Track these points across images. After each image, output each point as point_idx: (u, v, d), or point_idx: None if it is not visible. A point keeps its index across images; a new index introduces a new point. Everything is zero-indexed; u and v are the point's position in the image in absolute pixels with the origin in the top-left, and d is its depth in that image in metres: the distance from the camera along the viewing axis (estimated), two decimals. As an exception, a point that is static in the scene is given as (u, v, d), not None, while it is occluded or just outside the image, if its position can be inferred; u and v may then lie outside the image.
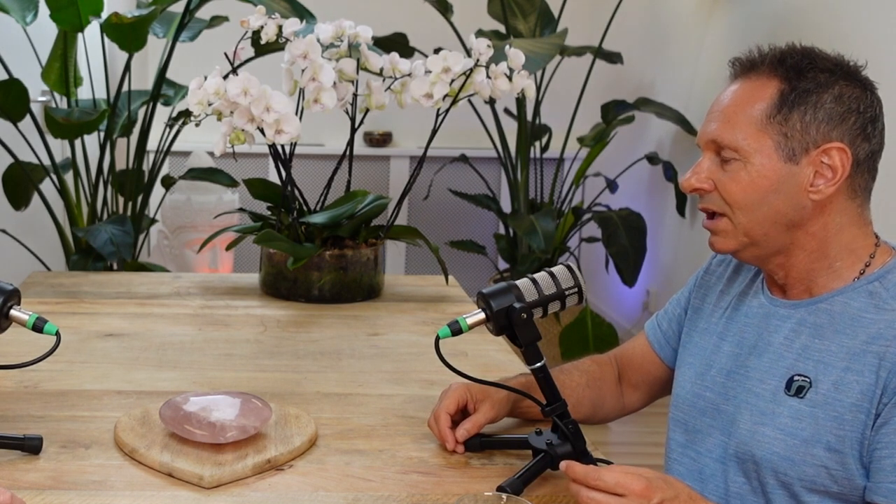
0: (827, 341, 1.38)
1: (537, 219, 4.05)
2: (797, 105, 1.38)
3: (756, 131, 1.39)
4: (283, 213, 2.37)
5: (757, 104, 1.40)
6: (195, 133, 2.70)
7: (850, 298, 1.40)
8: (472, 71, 2.26)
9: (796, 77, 1.40)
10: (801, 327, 1.42)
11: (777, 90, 1.40)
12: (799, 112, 1.38)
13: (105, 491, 1.35)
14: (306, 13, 3.23)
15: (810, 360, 1.39)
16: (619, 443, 3.72)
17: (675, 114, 4.29)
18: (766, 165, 1.39)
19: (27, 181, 3.39)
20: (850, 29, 3.09)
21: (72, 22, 3.20)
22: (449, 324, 1.44)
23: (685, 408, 1.53)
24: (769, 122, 1.39)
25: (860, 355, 1.35)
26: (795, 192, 1.39)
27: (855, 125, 1.38)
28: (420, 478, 1.43)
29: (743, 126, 1.40)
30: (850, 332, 1.37)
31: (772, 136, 1.39)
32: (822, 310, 1.41)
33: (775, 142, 1.39)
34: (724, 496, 1.45)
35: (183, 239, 4.37)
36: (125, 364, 1.85)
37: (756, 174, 1.39)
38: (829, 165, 1.38)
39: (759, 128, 1.39)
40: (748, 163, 1.40)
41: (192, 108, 2.14)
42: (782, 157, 1.39)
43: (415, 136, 5.26)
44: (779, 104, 1.39)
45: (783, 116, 1.38)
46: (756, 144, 1.39)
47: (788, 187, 1.39)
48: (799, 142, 1.38)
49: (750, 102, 1.41)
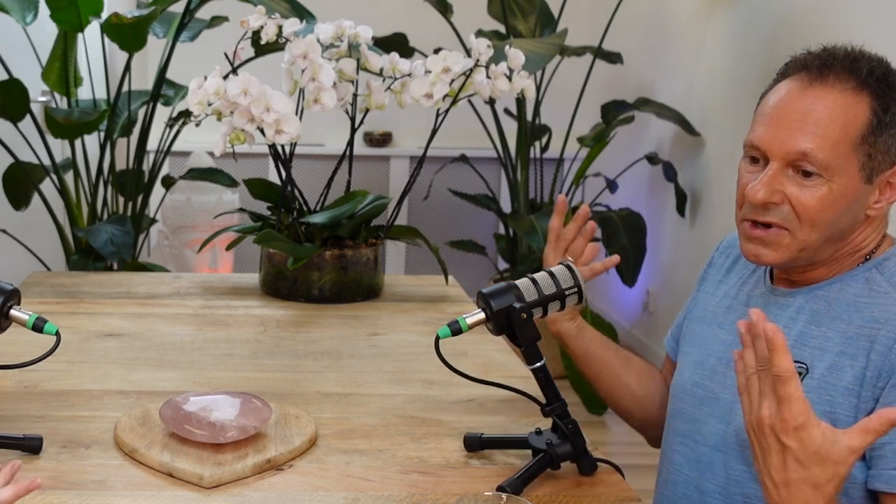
0: (824, 328, 1.39)
1: (537, 219, 4.05)
2: (889, 127, 1.35)
3: (848, 150, 1.34)
4: (283, 213, 2.37)
5: (852, 122, 1.34)
6: (195, 133, 2.70)
7: (847, 285, 1.41)
8: (472, 71, 2.26)
9: (887, 94, 1.35)
10: (800, 314, 1.43)
11: (871, 109, 1.34)
12: (888, 134, 1.35)
13: (105, 491, 1.36)
14: (306, 13, 3.23)
15: (807, 347, 1.39)
16: (619, 442, 3.73)
17: (675, 114, 4.28)
18: (848, 185, 1.35)
19: (27, 181, 3.39)
20: (850, 29, 3.09)
21: (72, 22, 3.20)
22: (449, 324, 1.44)
23: (684, 397, 1.54)
24: (862, 142, 1.34)
25: (854, 339, 1.35)
26: (860, 209, 1.38)
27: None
28: (420, 478, 1.43)
29: (838, 144, 1.33)
30: (845, 317, 1.38)
31: (859, 156, 1.34)
32: (819, 297, 1.42)
33: (860, 162, 1.35)
34: (724, 483, 1.45)
35: (183, 239, 4.37)
36: (125, 364, 1.85)
37: (838, 193, 1.35)
38: (892, 184, 1.38)
39: (852, 148, 1.34)
40: (832, 181, 1.34)
41: (192, 108, 2.14)
42: (863, 177, 1.35)
43: (415, 136, 5.26)
44: (875, 125, 1.34)
45: (874, 138, 1.35)
46: (845, 164, 1.34)
47: (858, 205, 1.37)
48: (880, 163, 1.35)
49: (845, 118, 1.34)
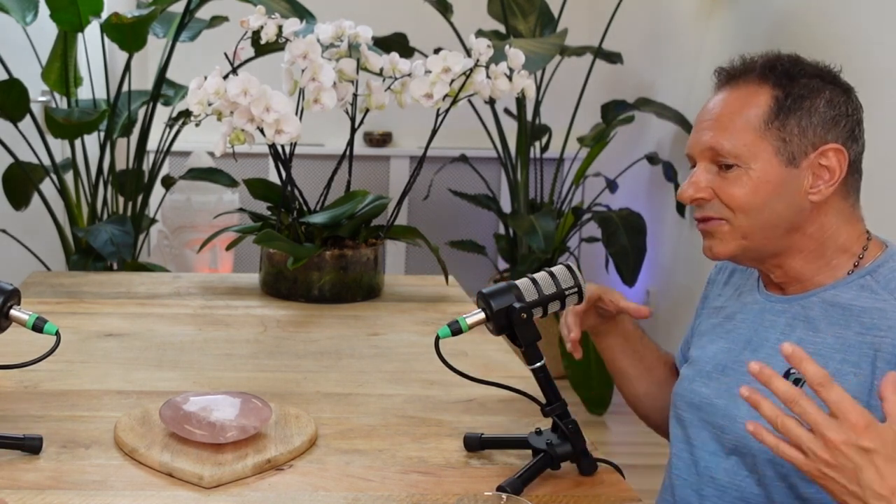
0: (822, 334, 1.41)
1: (537, 219, 4.05)
2: (794, 110, 1.41)
3: (755, 137, 1.41)
4: (283, 213, 2.37)
5: (752, 110, 1.42)
6: (195, 133, 2.70)
7: (841, 291, 1.42)
8: (472, 71, 2.26)
9: (789, 83, 1.42)
10: (796, 321, 1.44)
11: (771, 96, 1.42)
12: (795, 117, 1.41)
13: (105, 491, 1.36)
14: (306, 13, 3.23)
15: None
16: (620, 443, 3.73)
17: (675, 114, 4.28)
18: (767, 171, 1.41)
19: (27, 181, 3.39)
20: (849, 29, 3.09)
21: (72, 22, 3.20)
22: (449, 324, 1.44)
23: (681, 404, 1.56)
24: (767, 127, 1.41)
25: (855, 346, 1.37)
26: (796, 195, 1.42)
27: (845, 127, 1.43)
28: (420, 478, 1.43)
29: (741, 132, 1.42)
30: (842, 322, 1.40)
31: (771, 141, 1.41)
32: (814, 303, 1.44)
33: (774, 147, 1.41)
34: (722, 489, 1.46)
35: (183, 239, 4.37)
36: (125, 364, 1.85)
37: (758, 179, 1.41)
38: (827, 167, 1.41)
39: (758, 134, 1.41)
40: (749, 168, 1.41)
41: (192, 108, 2.14)
42: (783, 161, 1.41)
43: (415, 136, 5.25)
44: (776, 110, 1.41)
45: (781, 122, 1.41)
46: (756, 150, 1.41)
47: (790, 190, 1.41)
48: (798, 146, 1.41)
49: (745, 109, 1.43)
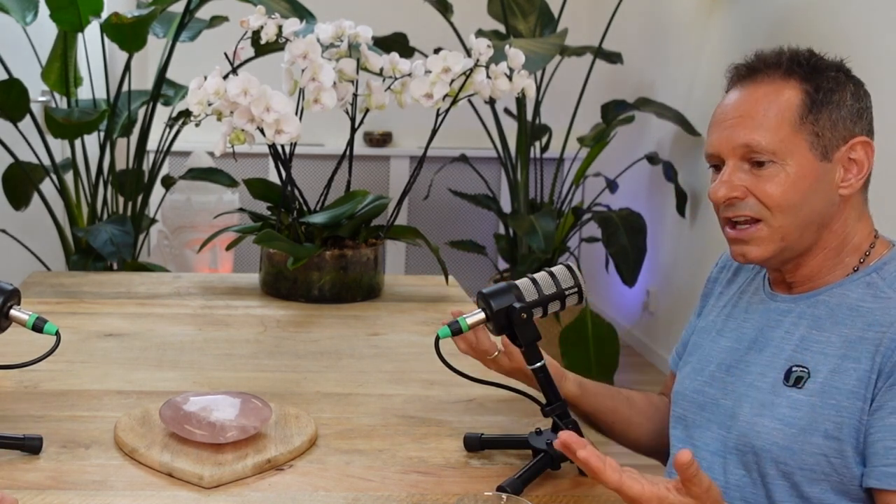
0: (826, 332, 1.40)
1: (537, 219, 4.05)
2: (825, 104, 1.40)
3: (791, 132, 1.39)
4: (283, 213, 2.37)
5: (785, 105, 1.40)
6: (195, 133, 2.70)
7: (848, 290, 1.42)
8: (472, 71, 2.26)
9: (818, 76, 1.41)
10: (801, 320, 1.43)
11: (801, 90, 1.40)
12: (827, 111, 1.40)
13: (105, 491, 1.35)
14: (306, 13, 3.23)
15: (808, 351, 1.40)
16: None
17: (675, 114, 4.28)
18: (804, 166, 1.39)
19: (27, 181, 3.39)
20: (848, 29, 3.09)
21: (72, 22, 3.20)
22: (449, 324, 1.44)
23: (684, 404, 1.55)
24: (802, 122, 1.39)
25: (857, 343, 1.36)
26: (829, 190, 1.41)
27: (867, 120, 1.43)
28: (420, 478, 1.43)
29: (777, 128, 1.39)
30: (848, 322, 1.39)
31: (805, 136, 1.39)
32: (820, 302, 1.43)
33: (808, 142, 1.39)
34: (724, 489, 1.45)
35: (183, 239, 4.37)
36: (125, 364, 1.85)
37: (795, 175, 1.39)
38: (856, 160, 1.41)
39: (793, 128, 1.39)
40: (786, 164, 1.39)
41: (192, 108, 2.14)
42: (817, 156, 1.40)
43: (415, 136, 5.26)
44: (809, 104, 1.40)
45: (814, 116, 1.39)
46: (792, 145, 1.39)
47: (824, 186, 1.41)
48: (830, 139, 1.40)
49: (777, 104, 1.40)
